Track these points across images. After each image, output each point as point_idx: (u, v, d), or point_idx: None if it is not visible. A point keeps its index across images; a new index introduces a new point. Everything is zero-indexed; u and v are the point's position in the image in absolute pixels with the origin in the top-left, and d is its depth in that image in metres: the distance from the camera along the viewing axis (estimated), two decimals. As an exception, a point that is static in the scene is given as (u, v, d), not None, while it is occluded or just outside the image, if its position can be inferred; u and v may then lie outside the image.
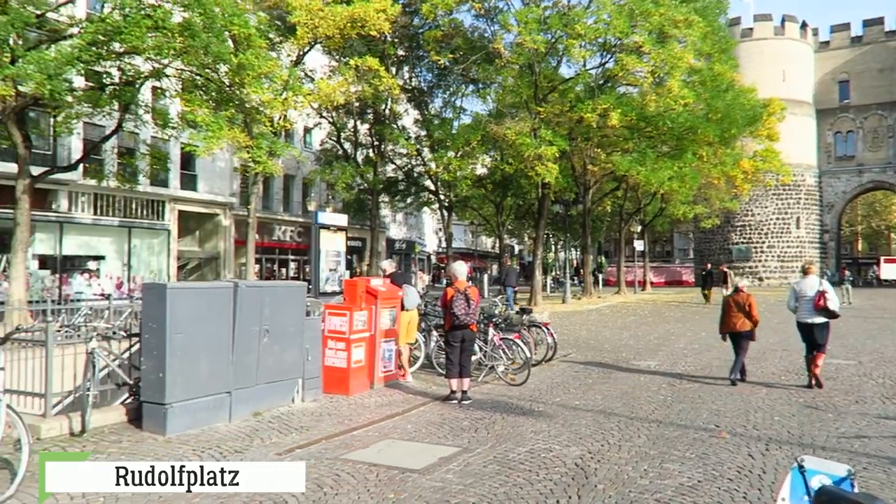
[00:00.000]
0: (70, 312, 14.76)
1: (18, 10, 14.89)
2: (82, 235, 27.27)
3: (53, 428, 6.73)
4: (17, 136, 16.82)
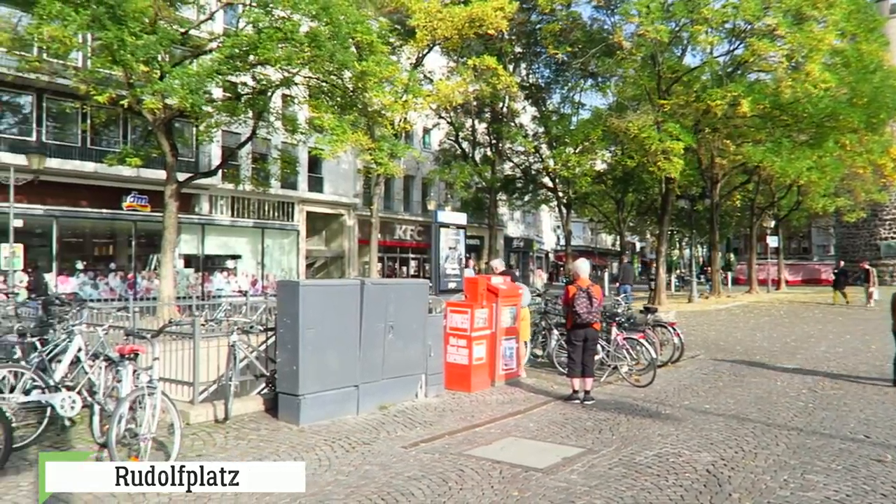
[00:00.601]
0: (212, 308, 15.88)
1: (166, 29, 16.19)
2: (221, 236, 29.28)
3: (200, 414, 7.28)
4: (166, 145, 18.31)
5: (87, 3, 14.15)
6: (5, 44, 17.00)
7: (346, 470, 5.73)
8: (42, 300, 8.41)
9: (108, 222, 25.96)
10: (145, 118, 18.19)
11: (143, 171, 23.29)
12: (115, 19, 14.31)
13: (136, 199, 25.69)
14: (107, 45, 14.75)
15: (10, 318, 8.68)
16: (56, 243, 23.85)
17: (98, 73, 16.56)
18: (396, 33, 24.47)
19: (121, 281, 25.42)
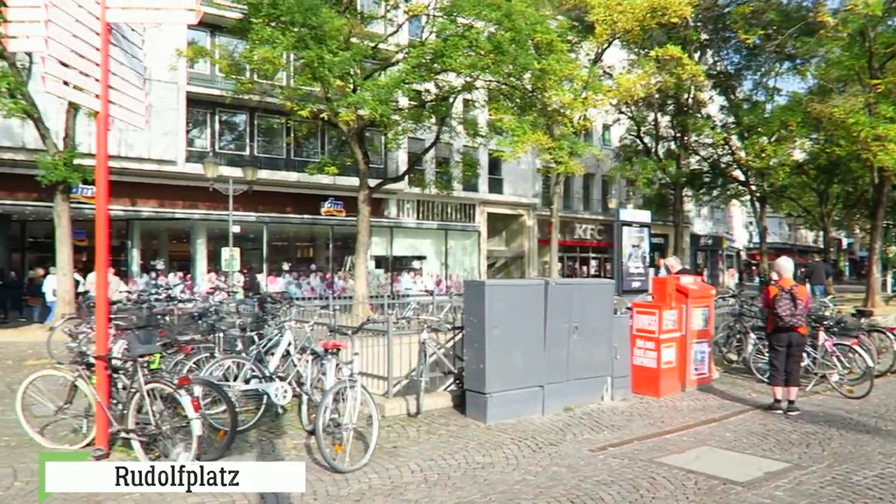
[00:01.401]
0: (401, 307, 16.70)
1: (358, 45, 17.33)
2: (408, 238, 30.74)
3: (394, 408, 7.67)
4: (359, 153, 19.59)
5: (292, 25, 15.54)
6: (225, 69, 19.18)
7: (534, 470, 5.74)
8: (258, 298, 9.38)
9: (309, 227, 28.32)
10: (340, 129, 19.61)
11: (338, 179, 25.12)
12: (315, 39, 15.58)
13: (333, 204, 27.77)
14: (308, 64, 16.10)
15: (232, 314, 9.77)
16: (266, 247, 26.44)
17: (300, 90, 18.12)
18: (575, 30, 24.13)
19: (320, 281, 27.59)
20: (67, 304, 15.18)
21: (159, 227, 26.13)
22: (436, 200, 31.00)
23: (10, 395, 8.27)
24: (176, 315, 10.29)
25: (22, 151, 21.00)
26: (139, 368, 5.56)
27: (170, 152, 24.06)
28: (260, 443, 6.40)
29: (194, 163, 24.13)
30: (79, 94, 5.76)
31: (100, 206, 5.87)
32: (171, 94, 23.57)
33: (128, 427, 5.56)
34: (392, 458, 5.98)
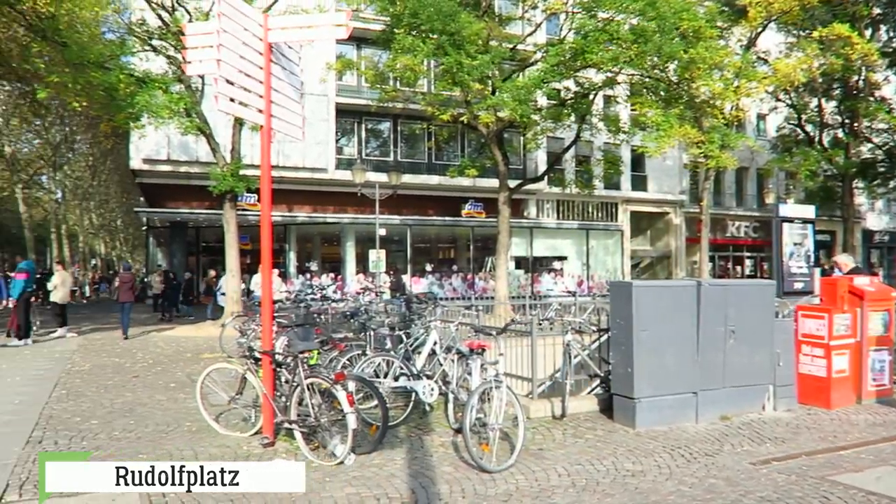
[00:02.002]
0: (543, 308, 16.58)
1: (496, 47, 17.43)
2: (548, 238, 30.48)
3: (539, 409, 7.63)
4: (498, 155, 19.70)
5: (432, 33, 15.95)
6: (370, 79, 20.04)
7: (689, 481, 5.47)
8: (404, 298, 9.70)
9: (450, 228, 28.89)
10: (480, 132, 19.81)
11: (478, 181, 25.42)
12: (454, 45, 15.87)
13: (473, 206, 28.12)
14: (447, 69, 16.43)
15: (381, 314, 10.17)
16: (409, 248, 27.28)
17: (440, 96, 18.51)
18: (725, 15, 22.77)
19: (461, 281, 28.05)
20: (235, 303, 16.51)
21: (312, 231, 27.78)
22: (576, 200, 30.50)
23: (190, 384, 9.14)
24: (330, 314, 10.90)
25: (196, 164, 23.17)
26: (300, 364, 5.94)
27: (321, 160, 25.52)
28: (409, 438, 6.61)
29: (343, 170, 25.43)
30: (245, 110, 6.25)
31: (264, 212, 6.33)
32: (321, 105, 25.00)
33: (290, 418, 5.95)
34: (538, 461, 5.94)
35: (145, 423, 7.01)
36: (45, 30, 14.61)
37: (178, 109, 15.61)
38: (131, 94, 15.08)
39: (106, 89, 14.98)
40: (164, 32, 16.45)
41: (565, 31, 19.38)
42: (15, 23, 15.69)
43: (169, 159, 23.77)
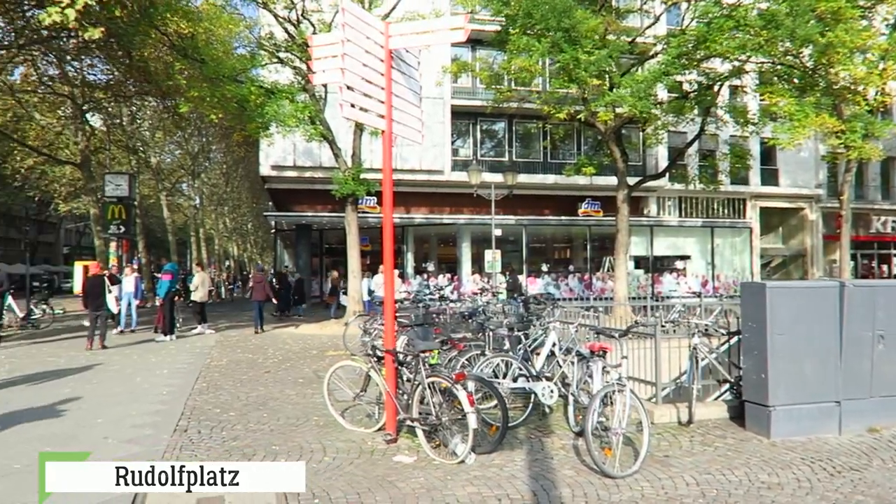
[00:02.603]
0: (665, 309, 15.99)
1: (614, 41, 16.99)
2: (669, 237, 29.32)
3: (664, 415, 7.35)
4: (616, 152, 19.19)
5: (547, 31, 15.78)
6: (485, 80, 20.13)
7: (833, 497, 5.08)
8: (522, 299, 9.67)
9: (566, 228, 28.47)
10: (597, 129, 19.38)
11: (595, 179, 24.90)
12: (570, 41, 15.63)
13: (590, 205, 27.58)
14: (563, 67, 16.20)
15: (499, 314, 10.19)
16: (525, 248, 27.15)
17: (556, 94, 18.29)
18: (868, -7, 20.94)
19: (578, 282, 27.56)
20: (357, 302, 17.11)
21: (429, 232, 28.27)
22: (700, 196, 29.16)
23: (317, 380, 9.57)
24: (448, 314, 11.05)
25: (319, 170, 24.23)
26: (421, 363, 6.06)
27: (438, 162, 25.93)
28: (529, 440, 6.57)
29: (459, 171, 25.70)
30: (367, 116, 6.46)
31: (386, 214, 6.51)
32: (437, 108, 25.41)
33: (412, 416, 6.08)
34: (664, 468, 5.73)
35: (277, 416, 7.41)
36: (186, 48, 15.80)
37: (303, 118, 16.39)
38: (261, 105, 16.01)
39: (238, 101, 15.99)
40: (290, 45, 17.33)
41: (687, 21, 18.56)
42: (160, 44, 17.07)
43: (295, 165, 25.00)
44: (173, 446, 6.16)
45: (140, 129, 34.98)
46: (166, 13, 14.72)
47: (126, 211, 26.27)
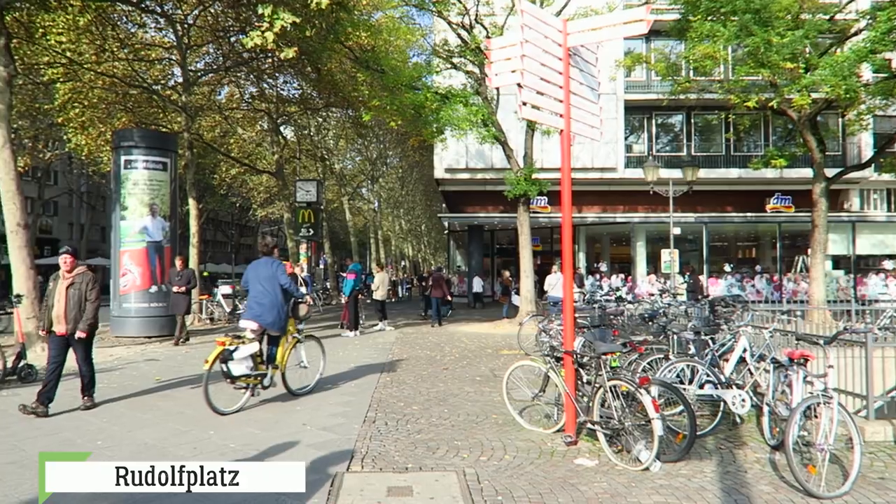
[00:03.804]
0: (873, 314, 14.34)
1: (811, 20, 15.51)
2: (875, 233, 26.25)
3: (877, 432, 6.59)
4: (812, 141, 17.52)
5: (733, 14, 14.78)
6: (662, 72, 19.29)
7: None
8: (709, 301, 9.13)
9: (752, 225, 26.51)
10: (788, 117, 17.83)
11: (785, 172, 22.98)
12: (760, 23, 14.51)
13: (780, 200, 25.47)
14: (752, 51, 15.07)
15: (681, 316, 9.71)
16: (705, 247, 25.65)
17: (742, 81, 17.08)
18: None
19: (766, 283, 25.53)
20: (530, 302, 17.15)
21: (602, 232, 27.66)
22: (914, 188, 25.84)
23: (494, 379, 9.73)
24: (625, 316, 10.72)
25: (491, 171, 24.63)
26: (602, 365, 5.93)
27: (610, 160, 25.30)
28: (719, 451, 6.19)
29: (633, 168, 24.89)
30: (546, 116, 6.44)
31: (565, 214, 6.46)
32: (610, 103, 24.77)
33: (593, 419, 5.97)
34: (880, 491, 5.13)
35: (457, 412, 7.61)
36: (367, 61, 16.77)
37: (476, 120, 16.73)
38: (436, 110, 16.57)
39: (415, 108, 16.68)
40: (463, 50, 17.77)
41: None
42: (344, 58, 18.28)
43: (467, 167, 25.60)
44: (364, 436, 6.54)
45: (325, 139, 37.68)
46: (350, 28, 15.70)
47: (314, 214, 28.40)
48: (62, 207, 51.43)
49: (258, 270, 7.92)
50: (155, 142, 16.16)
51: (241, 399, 7.71)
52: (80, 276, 7.51)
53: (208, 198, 38.81)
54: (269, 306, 7.77)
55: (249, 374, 7.62)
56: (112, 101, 21.42)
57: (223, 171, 34.74)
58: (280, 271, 7.90)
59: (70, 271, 7.48)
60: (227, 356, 7.37)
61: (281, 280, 7.86)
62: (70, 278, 7.46)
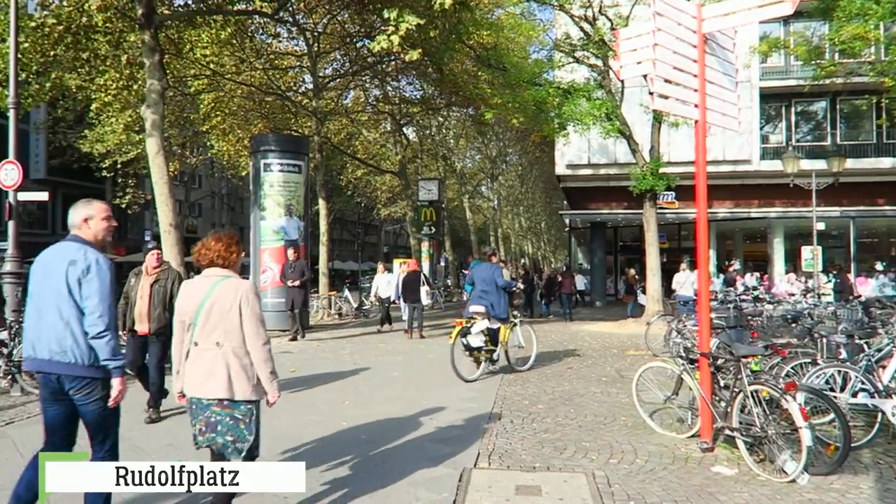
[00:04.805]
0: None
1: None
2: None
3: None
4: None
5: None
6: (803, 56, 17.97)
7: None
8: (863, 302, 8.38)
9: (909, 219, 24.15)
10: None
11: (950, 160, 20.73)
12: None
13: (942, 191, 23.02)
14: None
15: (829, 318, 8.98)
16: (853, 244, 23.66)
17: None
18: None
19: (926, 283, 23.14)
20: (657, 302, 16.54)
21: (733, 228, 26.22)
22: None
23: (620, 379, 9.46)
24: (764, 317, 10.07)
25: (614, 166, 24.00)
26: (742, 369, 5.60)
27: (744, 151, 23.91)
28: (877, 465, 5.67)
29: (769, 160, 23.39)
30: (679, 106, 6.17)
31: (700, 209, 6.15)
32: (744, 92, 23.37)
33: (731, 425, 5.65)
34: None
35: (583, 413, 7.46)
36: (489, 59, 16.80)
37: (600, 115, 16.34)
38: (558, 106, 16.34)
39: (537, 104, 16.53)
40: (586, 43, 17.39)
41: None
42: (465, 56, 18.44)
43: (589, 163, 25.06)
44: (490, 433, 6.55)
45: (446, 138, 38.23)
46: (472, 27, 15.81)
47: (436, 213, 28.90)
48: (206, 209, 55.48)
49: (480, 272, 10.03)
50: (289, 145, 17.06)
51: (477, 370, 9.47)
52: (165, 272, 7.13)
53: (335, 198, 40.49)
54: (492, 298, 9.67)
55: (482, 348, 9.45)
56: (249, 109, 22.85)
57: (349, 172, 36.11)
58: (497, 273, 9.91)
59: (157, 267, 7.13)
60: (466, 332, 9.39)
61: (498, 281, 9.81)
62: (155, 274, 7.07)
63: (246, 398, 3.82)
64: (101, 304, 3.68)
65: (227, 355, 3.78)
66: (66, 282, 3.70)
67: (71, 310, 3.70)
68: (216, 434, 3.85)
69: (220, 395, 3.77)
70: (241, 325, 3.79)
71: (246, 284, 3.92)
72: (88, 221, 3.90)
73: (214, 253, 3.90)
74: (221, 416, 3.82)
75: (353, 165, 34.33)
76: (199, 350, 3.82)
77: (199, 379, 3.80)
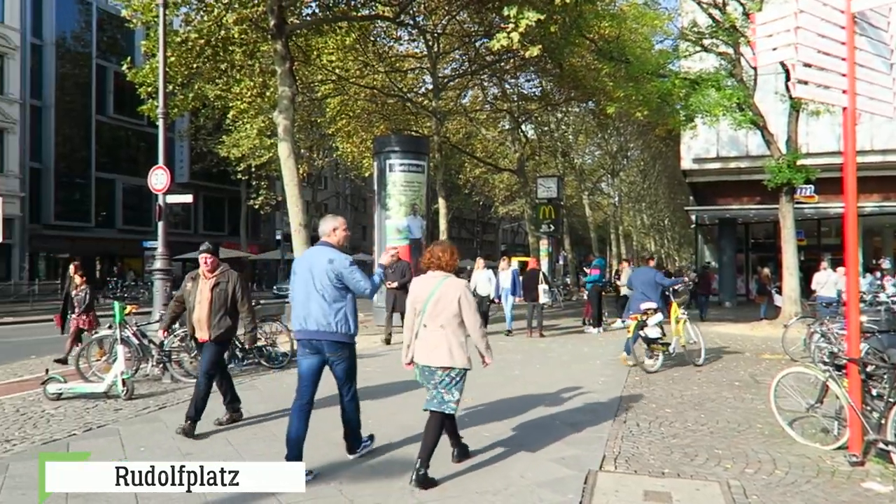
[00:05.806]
0: None
1: None
2: None
3: None
4: None
5: None
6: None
7: None
8: None
9: None
10: None
11: None
12: None
13: None
14: None
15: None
16: None
17: None
18: None
19: None
20: (794, 303, 15.48)
21: (882, 223, 24.09)
22: None
23: (755, 385, 8.93)
24: (922, 321, 9.15)
25: (745, 159, 22.69)
26: (898, 377, 5.12)
27: (894, 141, 21.87)
28: None
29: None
30: (825, 92, 5.73)
31: (849, 203, 5.68)
32: (895, 75, 21.38)
33: (886, 438, 5.18)
34: None
35: (715, 418, 7.10)
36: (611, 51, 16.37)
37: (730, 105, 15.49)
38: (685, 97, 15.65)
39: (661, 96, 15.92)
40: (714, 30, 16.55)
41: None
42: (585, 50, 18.07)
43: (718, 157, 23.82)
44: (615, 435, 6.38)
45: (565, 134, 37.66)
46: (594, 20, 15.47)
47: (555, 211, 28.55)
48: (331, 209, 57.94)
49: (641, 275, 11.01)
50: (411, 146, 17.44)
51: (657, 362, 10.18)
52: (223, 274, 6.67)
53: (454, 196, 40.99)
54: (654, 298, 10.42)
55: (658, 340, 10.10)
56: (372, 111, 23.59)
57: (467, 171, 36.42)
58: (658, 277, 10.83)
59: (212, 271, 6.62)
60: (643, 325, 10.07)
61: (664, 282, 10.84)
62: (213, 278, 6.59)
63: (462, 366, 4.83)
64: (363, 279, 5.09)
65: (448, 335, 4.79)
66: (328, 275, 5.04)
67: (334, 293, 5.06)
68: (436, 392, 4.82)
69: (444, 364, 4.77)
70: (460, 313, 4.81)
71: (463, 283, 4.94)
72: (335, 231, 5.26)
73: (439, 259, 4.96)
74: (443, 378, 4.80)
75: (472, 164, 34.58)
76: (427, 331, 4.84)
77: (427, 351, 4.83)
